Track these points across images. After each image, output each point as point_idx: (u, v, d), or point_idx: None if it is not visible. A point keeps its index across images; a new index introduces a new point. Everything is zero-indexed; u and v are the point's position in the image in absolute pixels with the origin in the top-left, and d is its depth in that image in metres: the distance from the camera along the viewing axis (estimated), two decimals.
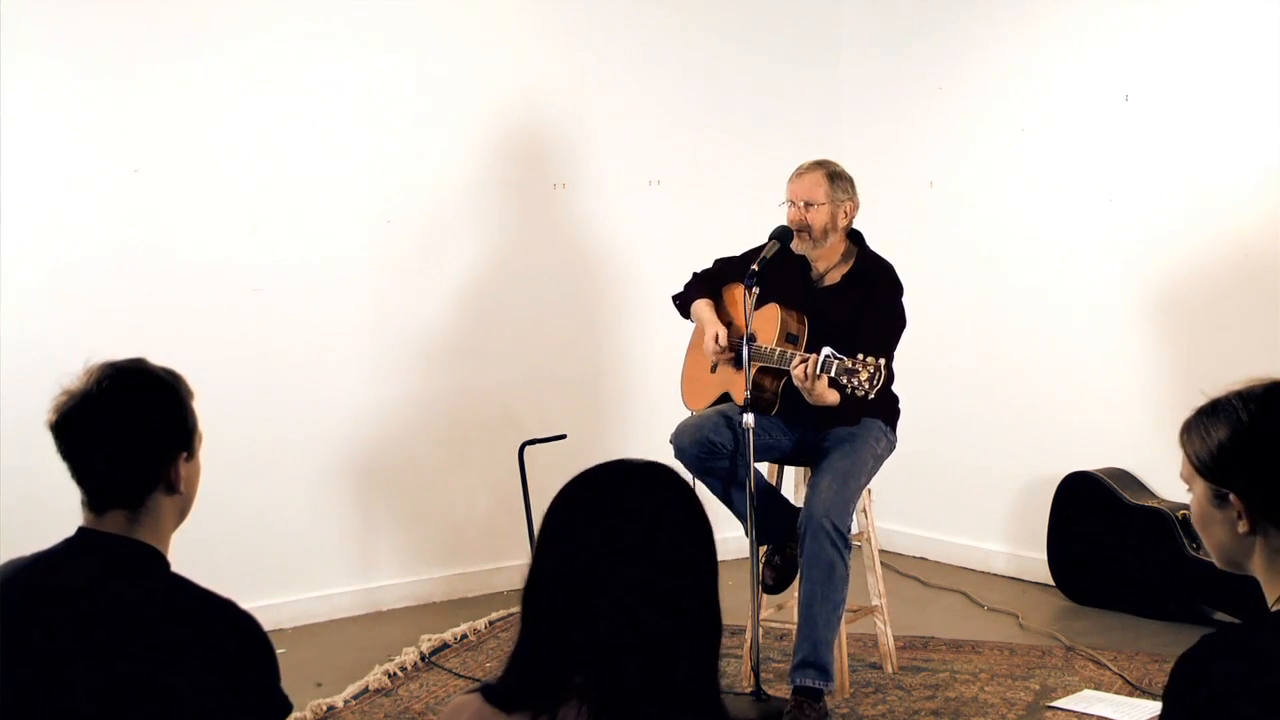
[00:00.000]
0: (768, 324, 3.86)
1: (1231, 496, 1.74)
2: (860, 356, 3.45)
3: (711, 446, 3.82)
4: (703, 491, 3.88)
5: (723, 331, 3.98)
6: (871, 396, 3.46)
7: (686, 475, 3.75)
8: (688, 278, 4.21)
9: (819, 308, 3.90)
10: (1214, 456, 1.75)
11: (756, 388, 3.75)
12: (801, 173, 3.94)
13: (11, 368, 4.19)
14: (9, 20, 4.25)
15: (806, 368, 3.54)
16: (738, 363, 3.87)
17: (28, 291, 4.32)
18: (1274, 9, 4.40)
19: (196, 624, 1.80)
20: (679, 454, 3.84)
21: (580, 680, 1.55)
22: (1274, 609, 1.74)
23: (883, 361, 3.45)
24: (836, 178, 3.92)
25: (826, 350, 3.51)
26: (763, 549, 3.97)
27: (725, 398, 4.01)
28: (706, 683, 1.60)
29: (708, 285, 4.14)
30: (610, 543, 1.57)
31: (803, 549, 3.67)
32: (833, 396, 3.59)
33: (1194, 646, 1.68)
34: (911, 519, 5.55)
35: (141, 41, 4.48)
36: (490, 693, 1.61)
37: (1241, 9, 4.49)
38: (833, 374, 3.48)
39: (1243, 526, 1.74)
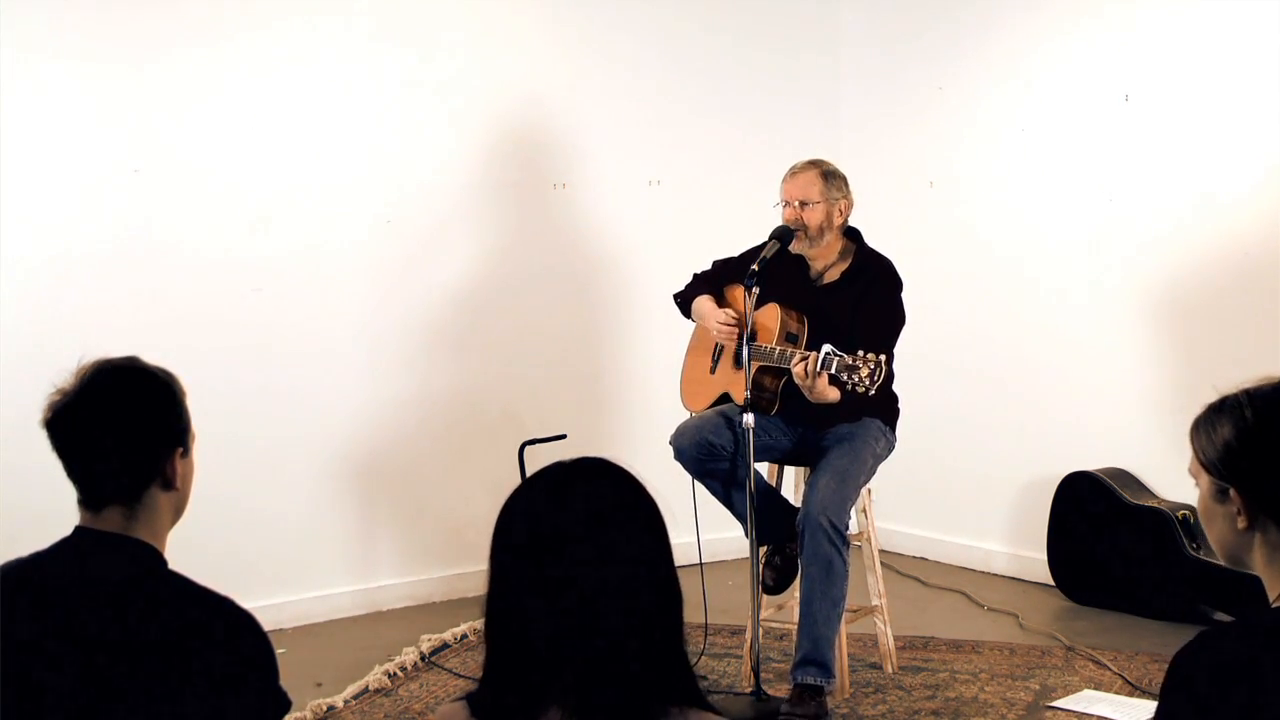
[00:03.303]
0: (768, 323, 3.86)
1: (1232, 492, 1.77)
2: (860, 353, 3.45)
3: (711, 448, 3.82)
4: (702, 492, 3.88)
5: (729, 311, 3.97)
6: (873, 393, 3.46)
7: (680, 473, 3.81)
8: (688, 278, 4.21)
9: (819, 306, 3.90)
10: (1217, 452, 1.78)
11: (757, 387, 3.75)
12: (795, 172, 3.95)
13: (10, 367, 4.20)
14: (9, 19, 4.25)
15: (807, 365, 3.54)
16: (738, 362, 3.87)
17: (27, 291, 4.33)
18: (1274, 9, 4.40)
19: (194, 622, 1.80)
20: (678, 455, 3.85)
21: (555, 688, 1.55)
22: (1275, 604, 1.75)
23: (883, 358, 3.45)
24: (830, 176, 3.92)
25: (826, 347, 3.51)
26: (763, 549, 3.97)
27: (725, 398, 4.00)
28: (678, 668, 1.59)
29: (707, 286, 4.14)
30: (557, 547, 1.56)
31: (801, 547, 3.67)
32: (834, 394, 3.59)
33: (1193, 640, 1.70)
34: (911, 519, 5.55)
35: (142, 41, 4.48)
36: (474, 703, 1.62)
37: (1241, 9, 4.49)
38: (833, 371, 3.48)
39: (1241, 522, 1.77)
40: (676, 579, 1.62)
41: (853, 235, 4.01)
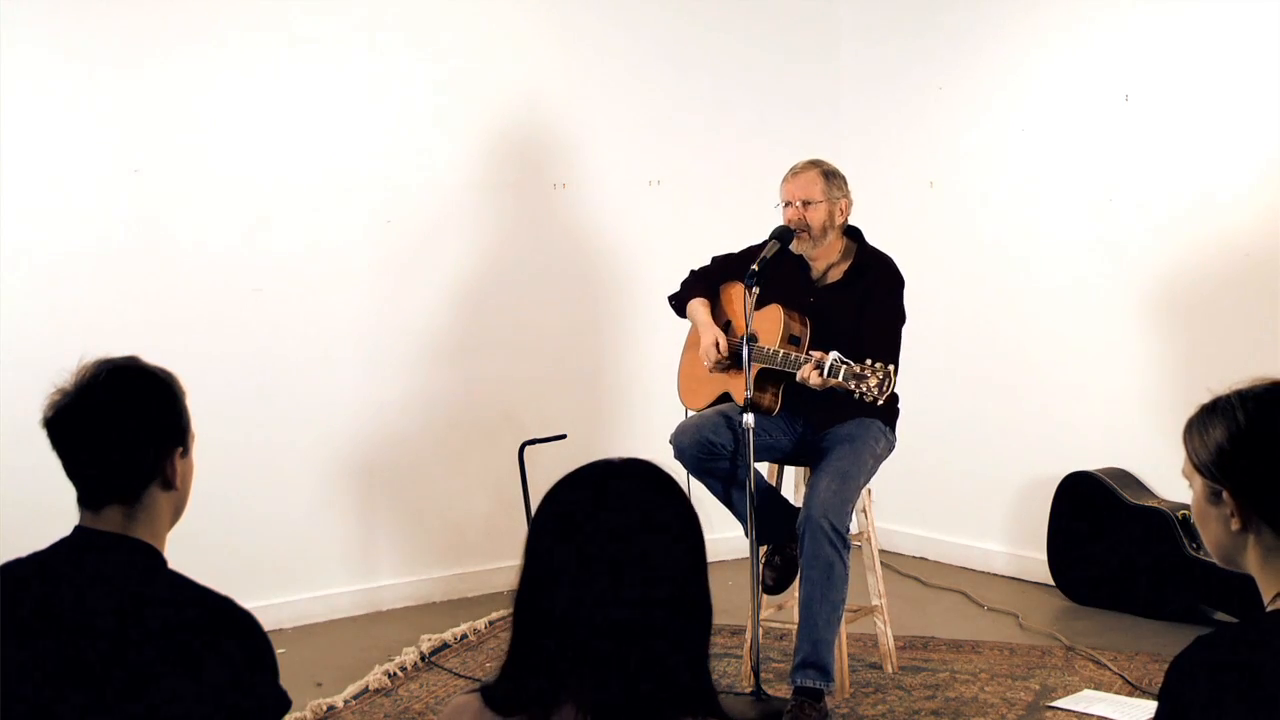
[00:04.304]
0: (770, 325, 3.85)
1: (1225, 494, 1.77)
2: (869, 362, 3.46)
3: (711, 447, 3.81)
4: (701, 492, 3.88)
5: (722, 339, 3.96)
6: (880, 402, 3.47)
7: (680, 473, 3.81)
8: (685, 275, 4.21)
9: (821, 306, 3.90)
10: (1210, 455, 1.77)
11: (757, 388, 3.75)
12: (796, 172, 3.95)
13: (10, 367, 4.20)
14: (8, 19, 4.25)
15: (816, 375, 3.53)
16: (739, 363, 3.87)
17: (27, 292, 4.33)
18: (1274, 9, 4.40)
19: (195, 622, 1.80)
20: (678, 455, 3.84)
21: (575, 683, 1.55)
22: (1270, 608, 1.74)
23: (892, 368, 3.47)
24: (831, 175, 3.93)
25: (834, 354, 3.51)
26: (763, 549, 3.96)
27: (725, 397, 4.00)
28: (700, 678, 1.60)
29: (704, 284, 4.14)
30: (595, 544, 1.57)
31: (802, 549, 3.67)
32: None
33: (1189, 646, 1.69)
34: (911, 519, 5.55)
35: (142, 41, 4.48)
36: (489, 695, 1.61)
37: (1241, 9, 4.49)
38: (840, 379, 3.48)
39: (1235, 524, 1.77)
40: (707, 591, 1.62)
41: (853, 234, 4.01)
